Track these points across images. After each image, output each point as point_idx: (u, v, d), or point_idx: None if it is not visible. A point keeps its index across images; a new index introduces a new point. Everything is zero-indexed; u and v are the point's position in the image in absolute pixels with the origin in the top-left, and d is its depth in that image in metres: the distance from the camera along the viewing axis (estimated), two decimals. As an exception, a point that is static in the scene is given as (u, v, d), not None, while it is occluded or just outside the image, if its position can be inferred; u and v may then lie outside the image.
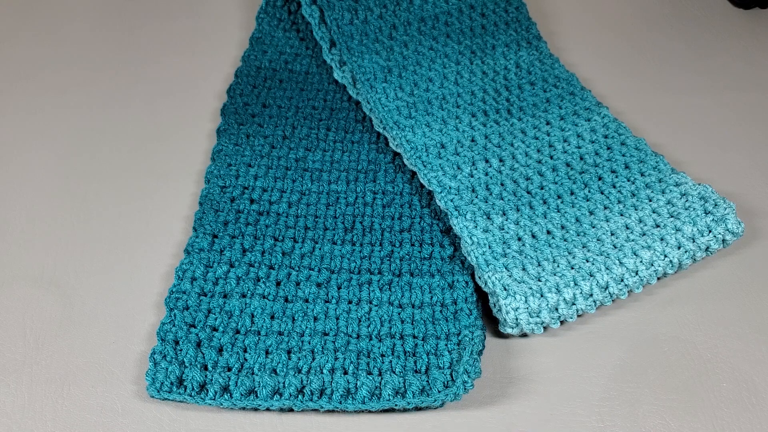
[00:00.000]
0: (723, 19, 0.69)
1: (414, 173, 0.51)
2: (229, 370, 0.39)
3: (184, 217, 0.49)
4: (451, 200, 0.47)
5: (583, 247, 0.44)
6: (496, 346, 0.42)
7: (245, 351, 0.40)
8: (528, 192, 0.48)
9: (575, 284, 0.41)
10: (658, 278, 0.44)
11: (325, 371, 0.38)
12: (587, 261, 0.43)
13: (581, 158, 0.50)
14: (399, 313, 0.42)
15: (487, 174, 0.49)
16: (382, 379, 0.38)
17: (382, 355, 0.40)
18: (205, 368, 0.39)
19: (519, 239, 0.44)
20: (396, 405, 0.37)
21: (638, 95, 0.59)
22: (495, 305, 0.42)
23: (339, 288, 0.43)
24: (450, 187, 0.47)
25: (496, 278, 0.42)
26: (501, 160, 0.50)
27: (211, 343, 0.40)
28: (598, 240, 0.44)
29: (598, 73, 0.61)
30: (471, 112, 0.54)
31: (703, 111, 0.58)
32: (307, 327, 0.41)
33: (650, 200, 0.46)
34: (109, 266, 0.46)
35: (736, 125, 0.57)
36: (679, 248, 0.43)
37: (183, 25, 0.68)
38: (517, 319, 0.40)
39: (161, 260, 0.46)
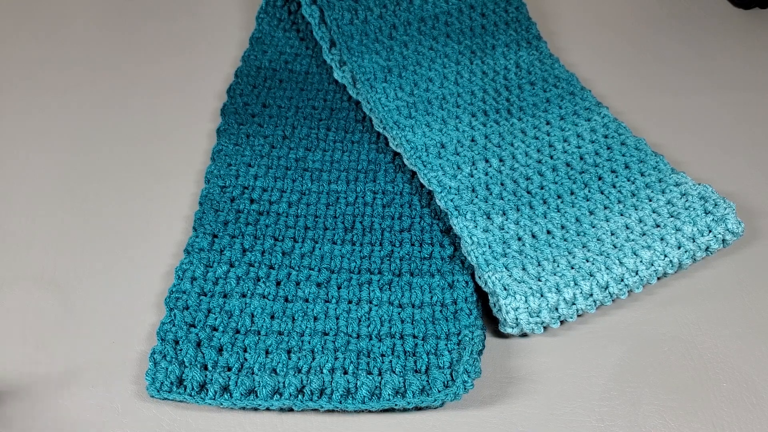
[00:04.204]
0: (723, 19, 0.69)
1: (414, 173, 0.51)
2: (229, 369, 0.39)
3: (184, 217, 0.49)
4: (451, 200, 0.47)
5: (583, 246, 0.44)
6: (496, 346, 0.42)
7: (245, 351, 0.40)
8: (528, 192, 0.48)
9: (575, 284, 0.41)
10: (658, 278, 0.44)
11: (325, 371, 0.38)
12: (587, 261, 0.43)
13: (581, 158, 0.50)
14: (399, 313, 0.42)
15: (487, 174, 0.49)
16: (382, 378, 0.38)
17: (382, 355, 0.40)
18: (205, 368, 0.39)
19: (519, 239, 0.44)
20: (396, 405, 0.37)
21: (638, 95, 0.59)
22: (495, 305, 0.42)
23: (339, 288, 0.43)
24: (450, 187, 0.47)
25: (496, 278, 0.42)
26: (501, 160, 0.50)
27: (211, 343, 0.40)
28: (598, 240, 0.44)
29: (598, 73, 0.61)
30: (471, 112, 0.54)
31: (703, 111, 0.58)
32: (307, 327, 0.41)
33: (650, 200, 0.46)
34: (109, 266, 0.46)
35: (736, 125, 0.57)
36: (679, 248, 0.43)
37: (183, 25, 0.68)
38: (517, 318, 0.40)
39: (161, 260, 0.46)
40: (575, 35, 0.67)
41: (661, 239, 0.44)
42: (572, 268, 0.42)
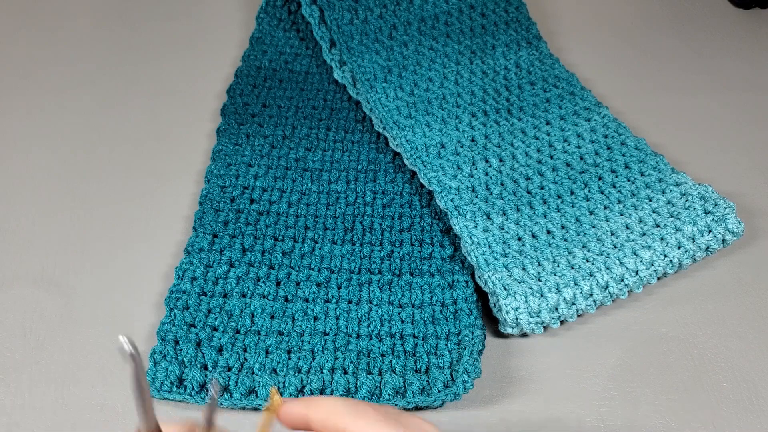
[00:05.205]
0: (723, 19, 0.69)
1: (414, 173, 0.51)
2: (229, 369, 0.39)
3: (184, 217, 0.49)
4: (451, 200, 0.47)
5: (583, 246, 0.44)
6: (496, 346, 0.42)
7: (245, 351, 0.40)
8: (528, 192, 0.48)
9: (575, 284, 0.41)
10: (658, 278, 0.44)
11: (325, 371, 0.38)
12: (587, 261, 0.43)
13: (581, 158, 0.50)
14: (399, 313, 0.42)
15: (487, 174, 0.49)
16: (382, 378, 0.38)
17: (382, 355, 0.40)
18: (205, 368, 0.39)
19: (519, 239, 0.44)
20: (396, 405, 0.37)
21: (638, 95, 0.59)
22: (495, 305, 0.42)
23: (339, 288, 0.43)
24: (450, 187, 0.47)
25: (496, 278, 0.42)
26: (501, 160, 0.50)
27: (211, 343, 0.40)
28: (598, 240, 0.44)
29: (598, 73, 0.61)
30: (471, 112, 0.54)
31: (703, 111, 0.58)
32: (307, 327, 0.41)
33: (650, 200, 0.46)
34: (109, 266, 0.46)
35: (736, 125, 0.57)
36: (679, 248, 0.43)
37: (183, 25, 0.68)
38: (517, 318, 0.40)
39: (161, 260, 0.46)
40: (575, 35, 0.67)
41: (661, 239, 0.44)
42: (572, 268, 0.42)
